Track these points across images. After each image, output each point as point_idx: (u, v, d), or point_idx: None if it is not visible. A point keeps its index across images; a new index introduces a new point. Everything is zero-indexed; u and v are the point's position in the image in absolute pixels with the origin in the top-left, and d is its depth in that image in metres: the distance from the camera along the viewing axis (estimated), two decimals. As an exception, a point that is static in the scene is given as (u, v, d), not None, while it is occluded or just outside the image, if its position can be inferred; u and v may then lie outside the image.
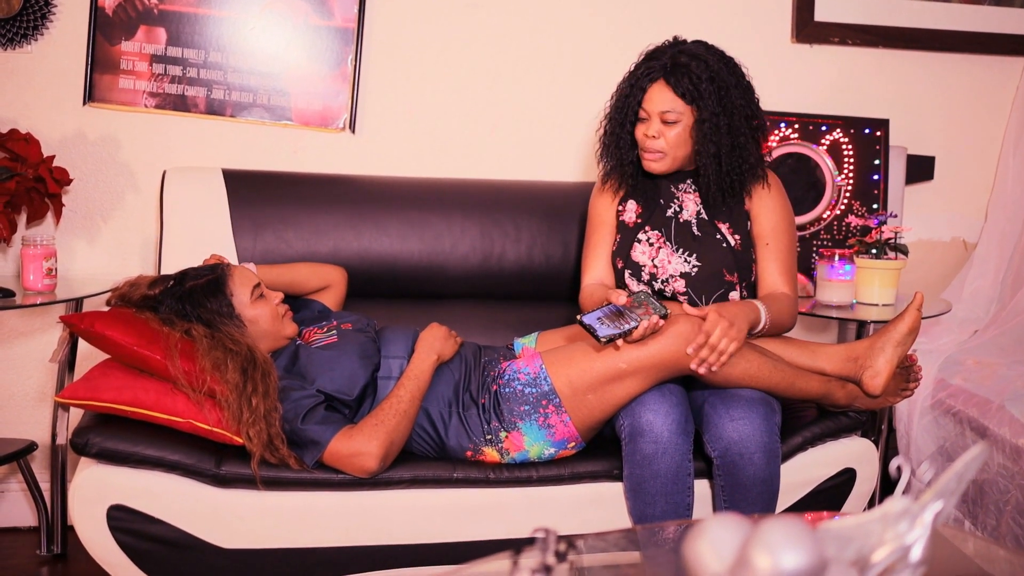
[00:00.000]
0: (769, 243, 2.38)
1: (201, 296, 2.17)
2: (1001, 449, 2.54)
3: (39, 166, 2.65)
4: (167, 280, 2.22)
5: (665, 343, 2.09)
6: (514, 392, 2.19)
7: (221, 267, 2.23)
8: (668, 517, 2.14)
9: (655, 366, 2.10)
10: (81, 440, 2.03)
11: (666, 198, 2.41)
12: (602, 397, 2.15)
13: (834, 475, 2.35)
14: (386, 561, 2.13)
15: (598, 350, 2.13)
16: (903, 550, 1.06)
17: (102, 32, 2.78)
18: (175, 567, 2.06)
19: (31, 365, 2.87)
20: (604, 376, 2.12)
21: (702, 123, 2.26)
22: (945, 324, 3.09)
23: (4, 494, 2.91)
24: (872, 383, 2.29)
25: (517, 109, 3.04)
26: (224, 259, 2.37)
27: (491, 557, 1.32)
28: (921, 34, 3.19)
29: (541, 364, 2.19)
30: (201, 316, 2.16)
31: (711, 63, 2.26)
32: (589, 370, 2.14)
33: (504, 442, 2.17)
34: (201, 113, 2.86)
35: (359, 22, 2.89)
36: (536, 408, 2.16)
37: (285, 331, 2.26)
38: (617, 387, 2.13)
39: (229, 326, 2.16)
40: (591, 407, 2.16)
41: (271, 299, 2.25)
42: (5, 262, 2.82)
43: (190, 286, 2.18)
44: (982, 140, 3.33)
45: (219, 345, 2.10)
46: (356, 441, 2.04)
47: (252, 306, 2.20)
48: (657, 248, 2.38)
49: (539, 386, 2.17)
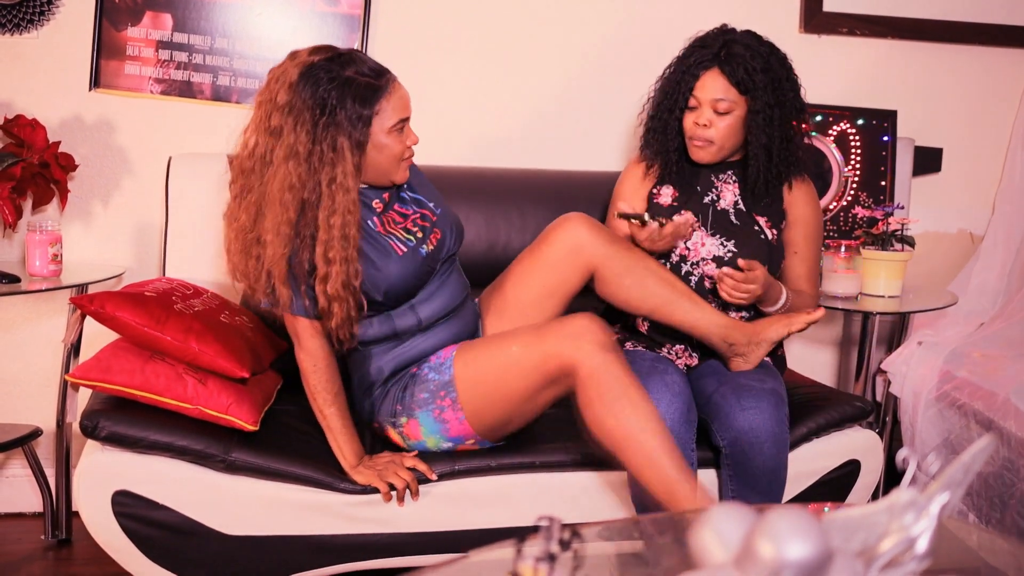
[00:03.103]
0: (798, 252, 2.41)
1: (351, 93, 1.97)
2: (1006, 442, 2.54)
3: (44, 152, 2.65)
4: (332, 52, 2.02)
5: (559, 336, 1.98)
6: (422, 376, 2.12)
7: (387, 77, 2.03)
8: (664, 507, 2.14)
9: (546, 354, 1.97)
10: (91, 423, 2.03)
11: (704, 186, 2.40)
12: (497, 387, 2.04)
13: (838, 466, 2.36)
14: (390, 550, 2.13)
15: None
16: (909, 541, 1.06)
17: (108, 18, 2.78)
18: (179, 553, 2.07)
19: (36, 351, 2.87)
20: (497, 362, 2.03)
21: (756, 114, 2.25)
22: (951, 316, 3.08)
23: (9, 480, 2.92)
24: (734, 366, 2.28)
25: (524, 96, 3.03)
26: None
27: (495, 545, 1.31)
28: (930, 25, 3.18)
29: (453, 351, 2.12)
30: (334, 110, 1.96)
31: (764, 54, 2.26)
32: (486, 357, 2.06)
33: (404, 427, 2.14)
34: (207, 99, 2.85)
35: (365, 8, 2.88)
36: (434, 398, 2.10)
37: (396, 175, 2.10)
38: (512, 376, 2.02)
39: (339, 142, 1.96)
40: (487, 400, 2.06)
41: (407, 138, 2.07)
42: (11, 248, 2.82)
43: (349, 76, 1.98)
44: (990, 132, 3.32)
45: (312, 174, 1.96)
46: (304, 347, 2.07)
47: (388, 134, 2.02)
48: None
49: (442, 373, 2.10)
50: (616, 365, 1.95)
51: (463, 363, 2.09)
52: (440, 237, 2.19)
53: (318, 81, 1.96)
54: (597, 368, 1.93)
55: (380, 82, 2.00)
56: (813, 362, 3.26)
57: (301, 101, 1.95)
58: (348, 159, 1.97)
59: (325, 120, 1.95)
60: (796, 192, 2.40)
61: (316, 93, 1.95)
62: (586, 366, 1.94)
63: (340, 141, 1.96)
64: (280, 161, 1.96)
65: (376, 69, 2.02)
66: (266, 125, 1.99)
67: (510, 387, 2.04)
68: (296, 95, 1.96)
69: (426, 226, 2.18)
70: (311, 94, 1.95)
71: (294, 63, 2.00)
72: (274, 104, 1.98)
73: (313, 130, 1.95)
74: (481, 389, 2.07)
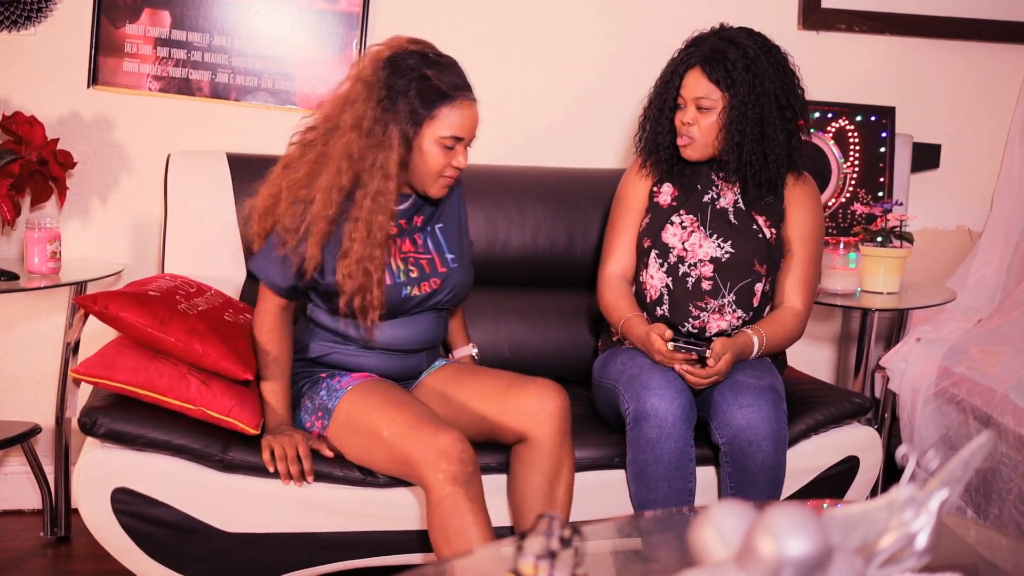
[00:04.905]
0: (793, 251, 2.38)
1: (418, 89, 2.01)
2: (1005, 438, 2.54)
3: (43, 149, 2.65)
4: (429, 51, 2.07)
5: (424, 447, 1.93)
6: (319, 387, 2.15)
7: (462, 93, 2.05)
8: (670, 502, 2.14)
9: (407, 458, 1.95)
10: (90, 420, 2.03)
11: (704, 185, 2.39)
12: (360, 446, 2.06)
13: (837, 463, 2.36)
14: (390, 547, 2.13)
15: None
16: (909, 538, 1.06)
17: (106, 15, 2.77)
18: (178, 550, 2.07)
19: (34, 348, 2.87)
20: (369, 427, 2.02)
21: (731, 110, 2.25)
22: (949, 313, 3.08)
23: (8, 477, 2.92)
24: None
25: (524, 94, 3.02)
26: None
27: (495, 543, 1.32)
28: (928, 21, 3.18)
29: (351, 385, 2.11)
30: (397, 98, 2.00)
31: (749, 50, 2.25)
32: (366, 413, 2.04)
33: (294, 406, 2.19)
34: (205, 97, 2.85)
35: (364, 6, 2.88)
36: (313, 412, 2.14)
37: (430, 188, 2.11)
38: (375, 450, 2.02)
39: (391, 129, 2.01)
40: (349, 445, 2.08)
41: (455, 159, 2.09)
42: (9, 245, 2.82)
43: (426, 74, 2.02)
44: (988, 128, 3.32)
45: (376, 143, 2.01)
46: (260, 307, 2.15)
47: (436, 143, 2.05)
48: (689, 232, 2.35)
49: (331, 398, 2.11)
50: (461, 500, 1.91)
51: (349, 404, 2.08)
52: (434, 290, 2.18)
53: (398, 68, 2.03)
54: (443, 500, 1.91)
55: (451, 91, 2.04)
56: (812, 359, 3.26)
57: (377, 79, 2.02)
58: (395, 148, 2.02)
59: (386, 104, 2.01)
60: (793, 191, 2.39)
61: (390, 77, 2.02)
62: (434, 493, 1.92)
63: (392, 128, 2.02)
64: (346, 128, 2.03)
65: (456, 83, 2.06)
66: (345, 94, 2.07)
67: (370, 455, 2.05)
68: (376, 73, 2.03)
69: (427, 272, 2.17)
70: (386, 76, 2.02)
71: (389, 45, 2.07)
72: (358, 76, 2.06)
73: (376, 109, 2.01)
74: (346, 437, 2.08)
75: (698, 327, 2.32)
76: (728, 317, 2.31)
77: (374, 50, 2.08)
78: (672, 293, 2.33)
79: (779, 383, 2.24)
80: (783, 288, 2.38)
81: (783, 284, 2.38)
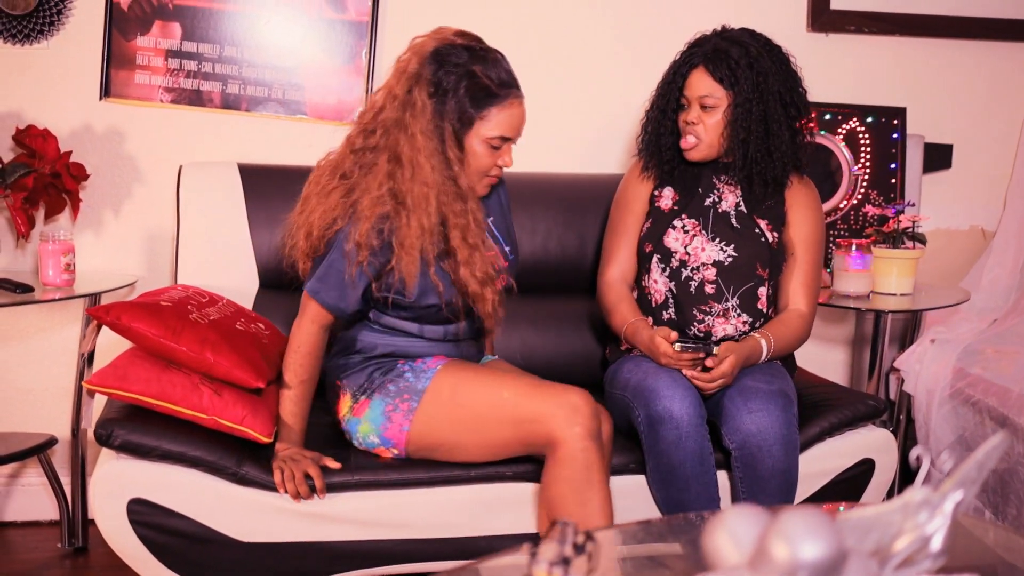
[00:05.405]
0: (795, 254, 2.37)
1: (467, 86, 1.98)
2: (1021, 438, 2.53)
3: (56, 162, 2.67)
4: (475, 43, 2.04)
5: (555, 403, 1.95)
6: (401, 371, 2.10)
7: (510, 91, 2.03)
8: (702, 500, 2.15)
9: (535, 415, 1.95)
10: (105, 431, 2.04)
11: (706, 188, 2.39)
12: (466, 421, 2.02)
13: (852, 466, 2.35)
14: (404, 556, 2.13)
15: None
16: (923, 540, 1.06)
17: (117, 27, 2.79)
18: (194, 560, 2.07)
19: (50, 360, 2.89)
20: (482, 396, 2.00)
21: (735, 108, 2.25)
22: (963, 313, 3.07)
23: (25, 488, 2.93)
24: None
25: (532, 102, 3.01)
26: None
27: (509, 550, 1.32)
28: (938, 21, 3.17)
29: (440, 364, 2.09)
30: (446, 96, 1.98)
31: (752, 49, 2.25)
32: (474, 382, 2.03)
33: (358, 402, 2.12)
34: (216, 108, 2.86)
35: (373, 15, 2.89)
36: (398, 395, 2.08)
37: (474, 186, 2.06)
38: (488, 418, 2.00)
39: (445, 128, 1.98)
40: (446, 425, 2.04)
41: (500, 157, 2.06)
42: (24, 257, 2.84)
43: (474, 71, 1.98)
44: (1000, 127, 3.31)
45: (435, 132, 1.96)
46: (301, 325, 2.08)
47: (484, 143, 2.02)
48: (691, 236, 2.35)
49: (418, 379, 2.07)
50: (595, 456, 1.93)
51: (444, 381, 2.06)
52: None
53: (445, 62, 1.99)
54: (578, 454, 1.91)
55: (500, 91, 2.01)
56: (825, 361, 3.25)
57: (425, 74, 1.98)
58: (454, 147, 2.00)
59: (436, 101, 1.98)
60: (794, 193, 2.38)
61: (438, 72, 1.98)
62: (568, 447, 1.91)
63: (446, 128, 1.99)
64: (416, 133, 1.97)
65: (504, 79, 2.03)
66: (394, 90, 2.01)
67: (480, 426, 2.02)
68: (424, 67, 1.99)
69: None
70: (434, 71, 1.98)
71: (435, 38, 2.03)
72: (404, 72, 2.01)
73: (429, 105, 1.97)
74: (447, 413, 2.04)
75: (703, 331, 2.31)
76: (733, 321, 2.31)
77: (418, 44, 2.03)
78: (676, 297, 2.33)
79: (790, 387, 2.23)
80: (787, 291, 2.38)
81: (787, 287, 2.38)
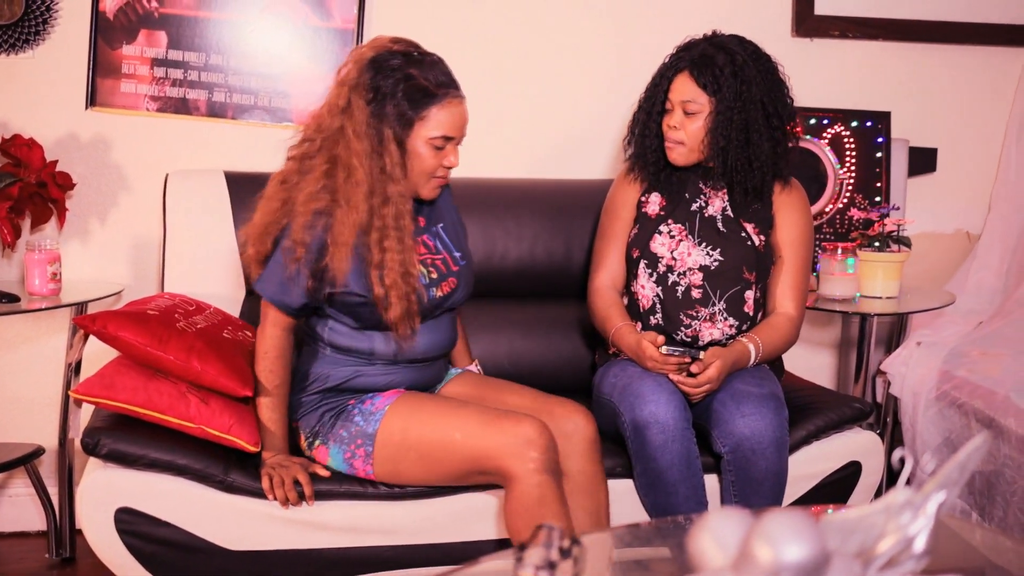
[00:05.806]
0: (783, 256, 2.38)
1: (404, 89, 1.99)
2: (1008, 440, 2.54)
3: (42, 171, 2.66)
4: (412, 49, 2.04)
5: (506, 437, 1.94)
6: (350, 414, 2.09)
7: (448, 90, 2.03)
8: (691, 503, 2.15)
9: (487, 452, 1.94)
10: (92, 440, 2.03)
11: (692, 193, 2.40)
12: (420, 460, 2.02)
13: (839, 468, 2.36)
14: (392, 562, 2.13)
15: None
16: (906, 541, 1.06)
17: (103, 36, 2.79)
18: (182, 569, 2.07)
19: (36, 370, 2.88)
20: (432, 438, 2.00)
21: (717, 115, 2.26)
22: (949, 316, 3.08)
23: (12, 498, 2.92)
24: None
25: (519, 108, 3.03)
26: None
27: (495, 554, 1.32)
28: (921, 26, 3.19)
29: (388, 403, 2.07)
30: (384, 100, 1.98)
31: (738, 57, 2.26)
32: (423, 425, 2.01)
33: (314, 449, 2.12)
34: (202, 116, 2.86)
35: (359, 23, 2.90)
36: (351, 442, 2.07)
37: (422, 190, 2.08)
38: (441, 458, 2.00)
39: (384, 132, 1.99)
40: (404, 464, 2.04)
41: (445, 159, 2.06)
42: (9, 267, 2.83)
43: (411, 74, 1.99)
44: (984, 131, 3.32)
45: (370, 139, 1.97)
46: (264, 331, 2.09)
47: (426, 144, 2.02)
48: (678, 241, 2.36)
49: (368, 423, 2.06)
50: (550, 490, 1.92)
51: (394, 421, 2.04)
52: (453, 288, 2.17)
53: (382, 68, 1.99)
54: (532, 489, 1.91)
55: (438, 91, 2.02)
56: (812, 364, 3.26)
57: (362, 82, 1.99)
58: (394, 151, 2.00)
59: (374, 107, 1.98)
60: (781, 197, 2.39)
61: (375, 78, 1.99)
62: (523, 483, 1.91)
63: (385, 132, 1.99)
64: (349, 136, 1.98)
65: (442, 80, 2.03)
66: (334, 100, 2.02)
67: (436, 465, 2.02)
68: (362, 75, 1.99)
69: (444, 272, 2.15)
70: (371, 77, 1.99)
71: (372, 46, 2.04)
72: (344, 82, 2.02)
73: (366, 112, 1.98)
74: (402, 455, 2.03)
75: (691, 336, 2.32)
76: (720, 325, 2.32)
77: (357, 52, 2.05)
78: (663, 303, 2.33)
79: (779, 390, 2.25)
80: (775, 294, 2.39)
81: (775, 290, 2.39)
